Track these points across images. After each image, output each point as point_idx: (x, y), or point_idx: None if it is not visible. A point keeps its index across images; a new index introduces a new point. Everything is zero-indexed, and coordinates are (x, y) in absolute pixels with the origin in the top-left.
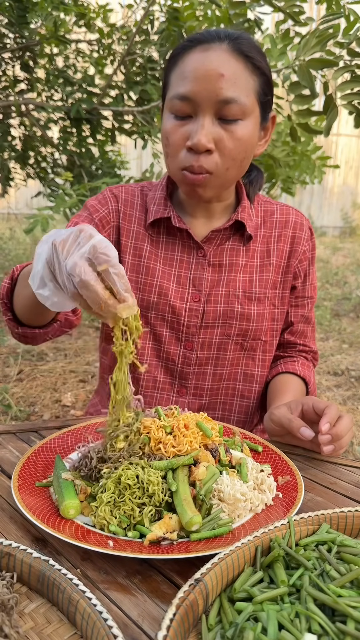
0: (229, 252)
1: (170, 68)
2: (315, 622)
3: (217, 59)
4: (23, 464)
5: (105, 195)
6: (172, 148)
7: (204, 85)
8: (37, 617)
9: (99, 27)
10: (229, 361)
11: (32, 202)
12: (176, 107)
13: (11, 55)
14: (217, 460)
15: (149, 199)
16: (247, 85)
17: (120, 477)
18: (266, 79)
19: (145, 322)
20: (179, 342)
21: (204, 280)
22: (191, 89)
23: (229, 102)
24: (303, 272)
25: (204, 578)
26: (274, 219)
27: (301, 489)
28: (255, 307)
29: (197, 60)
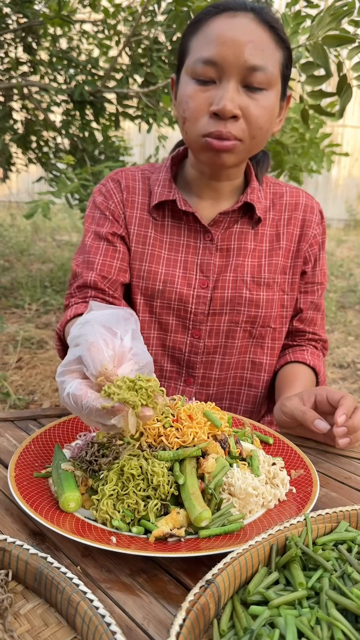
0: (237, 235)
1: (191, 33)
2: (337, 630)
3: (244, 26)
4: (21, 453)
5: (107, 187)
6: (193, 113)
7: (232, 49)
8: (33, 619)
9: (104, 7)
10: (237, 349)
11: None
12: (199, 71)
13: (13, 36)
14: (226, 452)
15: (152, 181)
16: (274, 56)
17: (123, 467)
18: (288, 53)
19: (149, 312)
20: (185, 331)
21: (211, 266)
22: (217, 52)
23: (256, 69)
24: (313, 256)
25: (216, 579)
26: (284, 202)
27: (316, 484)
28: (264, 293)
29: (224, 25)
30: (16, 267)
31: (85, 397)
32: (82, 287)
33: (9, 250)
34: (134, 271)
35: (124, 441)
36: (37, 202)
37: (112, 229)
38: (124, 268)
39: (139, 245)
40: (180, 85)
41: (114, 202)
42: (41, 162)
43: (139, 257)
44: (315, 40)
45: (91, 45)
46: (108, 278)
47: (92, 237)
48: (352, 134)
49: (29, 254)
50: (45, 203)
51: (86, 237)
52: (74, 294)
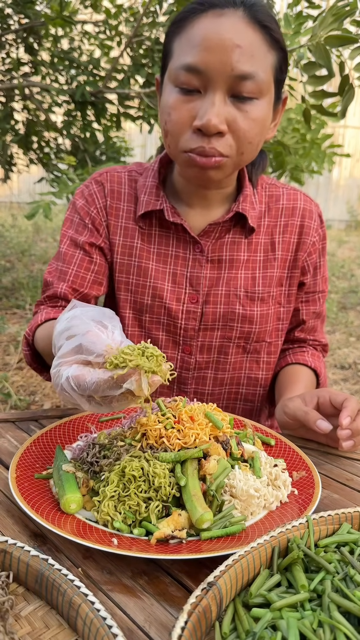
0: (229, 245)
1: (174, 33)
2: (340, 633)
3: (232, 27)
4: (22, 454)
5: (90, 189)
6: (175, 127)
7: (218, 56)
8: (34, 621)
9: (106, 8)
10: (231, 365)
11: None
12: (182, 79)
13: (15, 36)
14: (228, 454)
15: (139, 186)
16: (265, 60)
17: (124, 469)
18: (283, 54)
19: (139, 326)
20: (176, 346)
21: (201, 279)
22: (202, 59)
23: (246, 77)
24: (312, 265)
25: (218, 582)
26: (280, 206)
27: (318, 486)
28: (258, 308)
29: (209, 27)
30: (17, 267)
31: (89, 374)
32: (52, 297)
33: (10, 250)
34: (120, 284)
35: (125, 442)
36: (38, 202)
37: (90, 239)
38: (98, 281)
39: (125, 256)
40: (163, 92)
41: (96, 208)
42: (42, 163)
43: (125, 269)
44: (317, 40)
45: (92, 46)
46: (80, 291)
47: (68, 244)
48: (353, 134)
49: (30, 254)
50: (47, 203)
51: (62, 242)
52: (44, 302)
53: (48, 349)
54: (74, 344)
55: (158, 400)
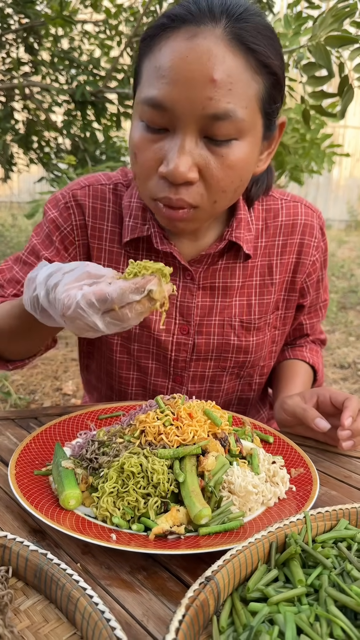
0: (222, 272)
1: (143, 52)
2: (337, 627)
3: (207, 53)
4: (21, 451)
5: (68, 204)
6: (141, 170)
7: (186, 91)
8: (33, 615)
9: (106, 8)
10: (224, 392)
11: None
12: (146, 115)
13: (15, 36)
14: (226, 450)
15: (124, 205)
16: (247, 91)
17: (123, 465)
18: (275, 79)
19: (127, 353)
20: (167, 375)
21: (193, 309)
22: (167, 94)
23: (220, 118)
24: (313, 285)
25: (215, 576)
26: (279, 223)
27: (316, 482)
28: (254, 338)
29: (178, 53)
30: None
31: (108, 287)
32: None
33: (10, 250)
34: None
35: (124, 439)
36: (38, 202)
37: (53, 258)
38: None
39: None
40: (132, 123)
41: (71, 224)
42: (42, 163)
43: None
44: (317, 40)
45: (93, 46)
46: None
47: (30, 251)
48: (353, 134)
49: None
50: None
51: (26, 247)
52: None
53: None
54: (78, 272)
55: (157, 397)
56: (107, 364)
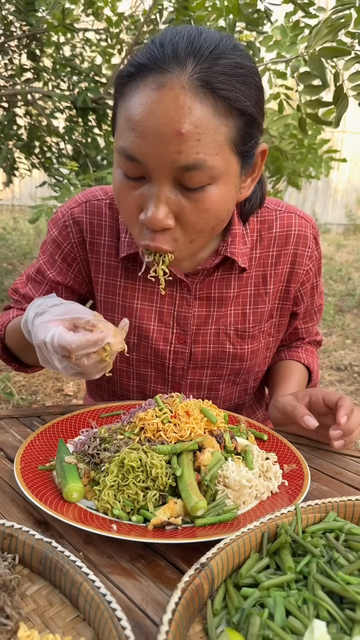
0: (217, 283)
1: (116, 97)
2: (323, 609)
3: (173, 105)
4: (26, 447)
5: (66, 223)
6: (125, 215)
7: (156, 146)
8: (38, 599)
9: (107, 16)
10: (221, 399)
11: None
12: (123, 165)
13: (17, 43)
14: (222, 447)
15: (121, 221)
16: (217, 138)
17: (124, 460)
18: (247, 118)
19: (126, 363)
20: (165, 383)
21: (189, 319)
22: (138, 148)
23: (191, 168)
24: (307, 292)
25: (210, 563)
26: (273, 234)
27: (307, 477)
28: (249, 346)
29: (145, 105)
30: (19, 270)
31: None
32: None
33: (12, 253)
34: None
35: (124, 436)
36: (41, 207)
37: (57, 277)
38: None
39: (109, 295)
40: (113, 168)
41: (70, 242)
42: (44, 167)
43: (110, 307)
44: (312, 51)
45: (94, 53)
46: None
47: (37, 271)
48: (352, 139)
49: (31, 257)
50: (49, 208)
51: (34, 266)
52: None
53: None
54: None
55: (156, 397)
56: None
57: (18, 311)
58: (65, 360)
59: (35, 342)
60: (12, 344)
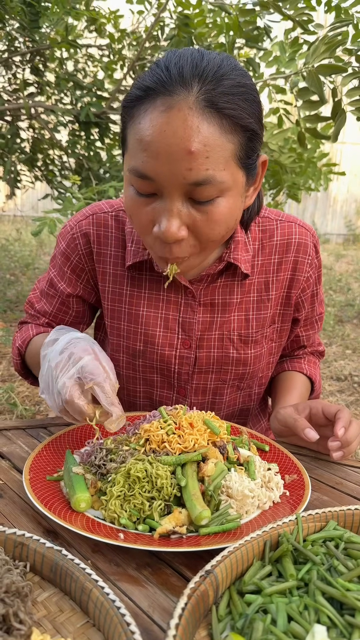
0: (221, 289)
1: (126, 120)
2: (323, 614)
3: (182, 125)
4: (34, 458)
5: (74, 235)
6: (138, 229)
7: (168, 164)
8: (49, 605)
9: (110, 33)
10: (226, 404)
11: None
12: (136, 183)
13: (21, 58)
14: (225, 458)
15: (127, 231)
16: (224, 154)
17: (130, 471)
18: (250, 134)
19: (133, 369)
20: (171, 388)
21: (194, 324)
22: (151, 167)
23: (201, 184)
24: (308, 299)
25: (215, 570)
26: (274, 242)
27: (308, 487)
28: (252, 351)
29: (156, 126)
30: (21, 280)
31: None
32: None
33: (15, 264)
34: (113, 329)
35: (130, 447)
36: (44, 219)
37: (68, 289)
38: (76, 322)
39: (115, 303)
40: (124, 186)
41: (78, 254)
42: (47, 180)
43: (116, 315)
44: (310, 68)
45: (97, 68)
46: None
47: (49, 284)
48: (351, 150)
49: (34, 267)
50: (52, 221)
51: (45, 279)
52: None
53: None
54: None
55: (160, 408)
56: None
57: (37, 327)
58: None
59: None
60: (31, 362)
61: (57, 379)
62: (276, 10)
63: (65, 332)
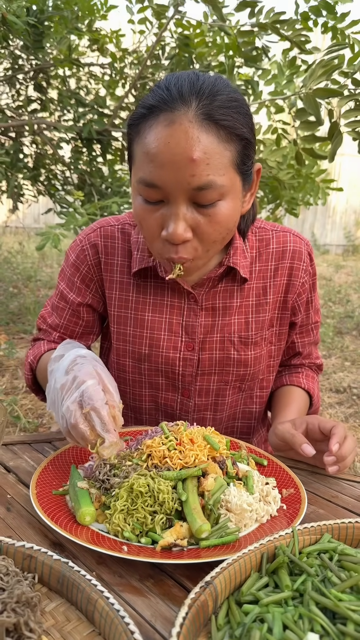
0: (222, 294)
1: (132, 134)
2: (317, 624)
3: (184, 136)
4: (40, 473)
5: (83, 247)
6: (147, 235)
7: (172, 172)
8: (57, 615)
9: (112, 52)
10: (228, 405)
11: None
12: (144, 193)
13: (25, 76)
14: (224, 473)
15: (132, 241)
16: (222, 161)
17: (132, 486)
18: (245, 142)
19: (139, 373)
20: (175, 390)
21: (197, 328)
22: (157, 176)
23: (203, 188)
24: (303, 305)
25: (214, 581)
26: (270, 250)
27: (304, 501)
28: (252, 352)
29: (160, 139)
30: (24, 293)
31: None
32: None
33: (17, 276)
34: (119, 335)
35: (132, 462)
36: (47, 234)
37: (78, 298)
38: (87, 332)
39: (122, 309)
40: (132, 194)
41: (87, 265)
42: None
43: (122, 321)
44: (307, 91)
45: (99, 85)
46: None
47: (60, 297)
48: (350, 162)
49: (36, 279)
50: (56, 235)
51: (56, 294)
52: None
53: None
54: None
55: (162, 424)
56: (121, 384)
57: (48, 344)
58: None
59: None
60: (40, 377)
61: (62, 401)
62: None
63: (71, 347)
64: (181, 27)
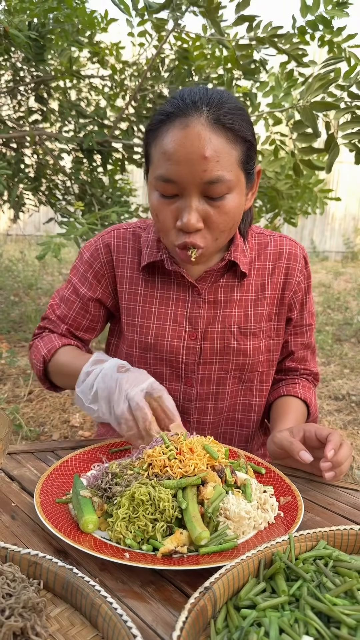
0: (223, 288)
1: (150, 139)
2: (312, 627)
3: (197, 137)
4: (43, 481)
5: (97, 246)
6: (163, 226)
7: (187, 168)
8: (62, 620)
9: (112, 65)
10: (229, 394)
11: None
12: (160, 188)
13: (26, 87)
14: (223, 481)
15: (142, 240)
16: (230, 159)
17: (134, 494)
18: (248, 144)
19: (145, 363)
20: (179, 379)
21: (200, 318)
22: (174, 172)
23: (214, 182)
24: (298, 302)
25: (213, 586)
26: (268, 252)
27: (301, 509)
28: (251, 342)
29: (177, 140)
30: (25, 301)
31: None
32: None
33: (18, 285)
34: (128, 326)
35: (134, 471)
36: (48, 243)
37: (89, 293)
38: (92, 327)
39: (131, 302)
40: (148, 192)
41: (100, 262)
42: (50, 204)
43: (131, 313)
44: (304, 104)
45: (99, 97)
46: (75, 334)
47: (71, 290)
48: (348, 169)
49: (37, 288)
50: (57, 245)
51: (67, 287)
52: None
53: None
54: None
55: (162, 434)
56: None
57: (60, 338)
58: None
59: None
60: (56, 371)
61: (126, 390)
62: (271, 45)
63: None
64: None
